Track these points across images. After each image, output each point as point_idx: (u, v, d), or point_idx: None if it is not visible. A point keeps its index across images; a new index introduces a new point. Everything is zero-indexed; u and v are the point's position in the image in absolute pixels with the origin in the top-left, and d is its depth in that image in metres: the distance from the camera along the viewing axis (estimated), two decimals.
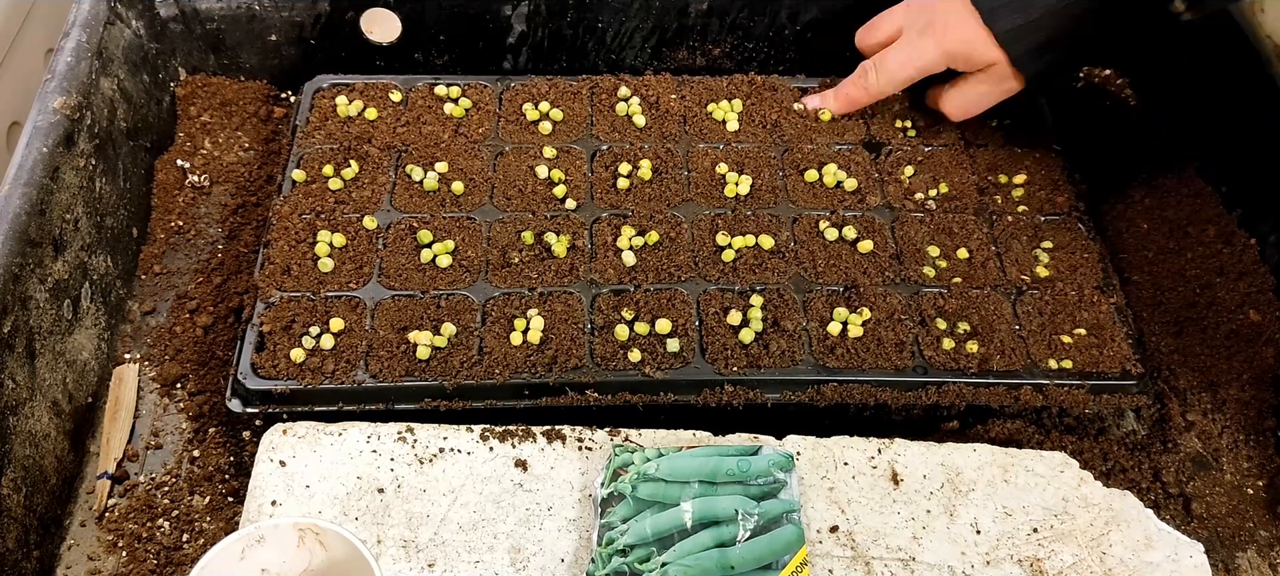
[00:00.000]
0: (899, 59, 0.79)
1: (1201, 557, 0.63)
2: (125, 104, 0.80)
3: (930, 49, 0.77)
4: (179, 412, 0.72)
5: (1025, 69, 0.75)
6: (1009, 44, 0.74)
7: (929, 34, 0.77)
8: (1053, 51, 0.74)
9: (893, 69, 0.79)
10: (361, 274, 0.73)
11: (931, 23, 0.77)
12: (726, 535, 0.59)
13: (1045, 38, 0.73)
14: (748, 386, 0.68)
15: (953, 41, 0.76)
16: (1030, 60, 0.74)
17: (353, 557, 0.55)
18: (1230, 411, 0.74)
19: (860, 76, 0.81)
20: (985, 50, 0.75)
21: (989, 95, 0.78)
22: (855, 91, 0.81)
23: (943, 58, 0.77)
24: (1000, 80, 0.77)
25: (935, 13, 0.77)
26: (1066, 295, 0.74)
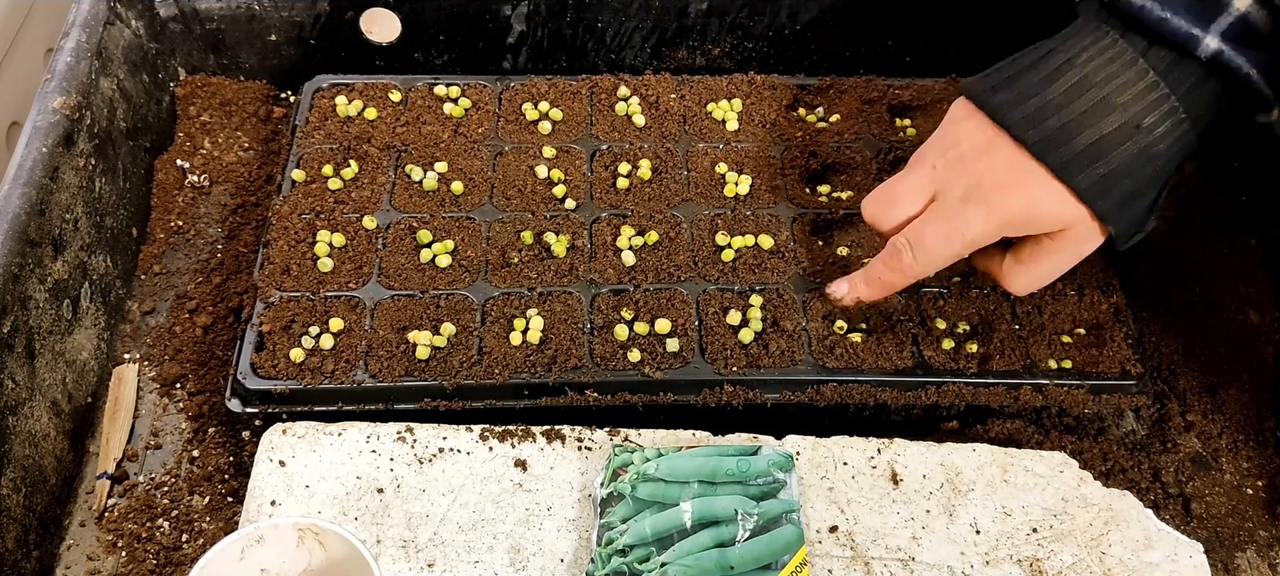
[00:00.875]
0: (939, 235, 0.62)
1: (1201, 557, 0.62)
2: (125, 104, 0.80)
3: (978, 221, 0.61)
4: (178, 412, 0.72)
5: (1116, 223, 0.60)
6: (1094, 199, 0.59)
7: (977, 201, 0.61)
8: (1140, 199, 0.60)
9: (933, 248, 0.63)
10: (361, 274, 0.73)
11: (979, 186, 0.61)
12: (726, 535, 0.59)
13: (1131, 186, 0.59)
14: (747, 386, 0.68)
15: (1013, 208, 0.60)
16: (1119, 212, 0.60)
17: (352, 557, 0.55)
18: (1230, 411, 0.74)
19: (893, 257, 0.65)
20: (1056, 210, 0.60)
21: (1066, 263, 0.64)
22: (891, 276, 0.65)
23: (997, 229, 0.62)
24: (1079, 242, 0.62)
25: (983, 172, 0.61)
26: (1066, 295, 0.74)
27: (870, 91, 0.87)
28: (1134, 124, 0.58)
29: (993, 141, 0.61)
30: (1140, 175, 0.59)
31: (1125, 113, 0.58)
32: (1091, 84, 0.58)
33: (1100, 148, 0.58)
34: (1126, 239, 0.62)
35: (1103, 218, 0.60)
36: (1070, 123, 0.58)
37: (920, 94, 0.87)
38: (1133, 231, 0.62)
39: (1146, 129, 0.58)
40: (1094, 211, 0.60)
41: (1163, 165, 0.59)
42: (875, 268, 0.67)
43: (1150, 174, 0.59)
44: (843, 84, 0.87)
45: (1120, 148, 0.58)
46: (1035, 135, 0.59)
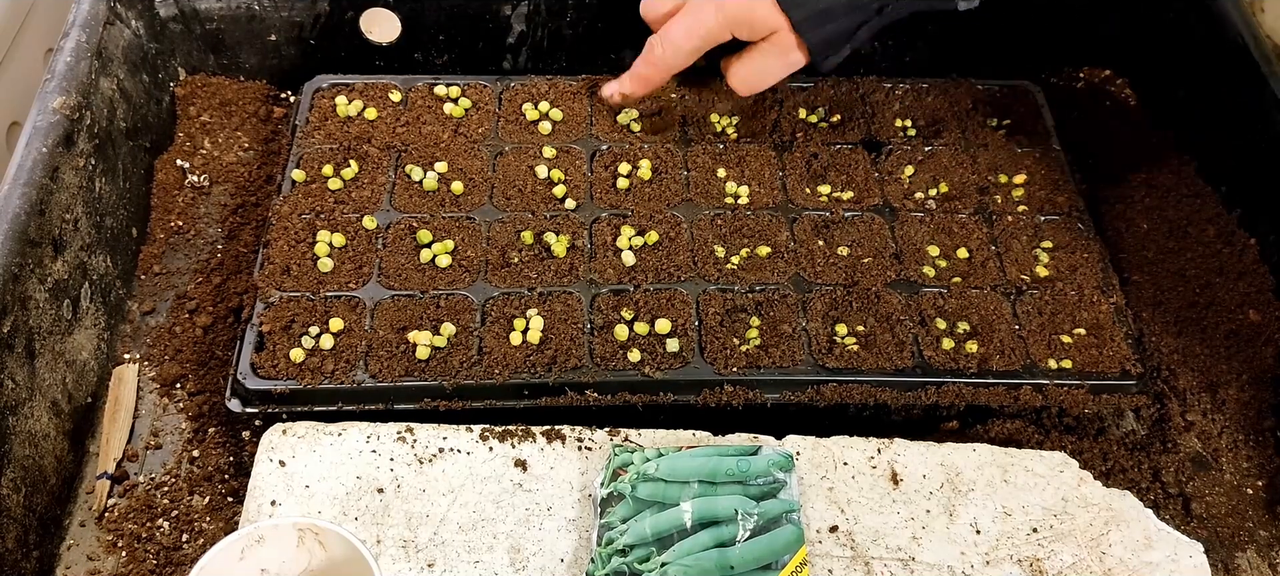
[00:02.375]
0: (681, 29, 0.76)
1: (1201, 557, 0.63)
2: (125, 104, 0.80)
3: (711, 15, 0.74)
4: (178, 412, 0.72)
5: (808, 37, 0.72)
6: (790, 8, 0.71)
7: (711, 2, 0.74)
8: (833, 21, 0.71)
9: (677, 40, 0.76)
10: (361, 274, 0.73)
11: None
12: (726, 535, 0.59)
13: (826, 6, 0.71)
14: (747, 386, 0.68)
15: (733, 6, 0.73)
16: (812, 27, 0.72)
17: (352, 557, 0.55)
18: (1230, 411, 0.74)
19: (647, 51, 0.78)
20: (766, 16, 0.72)
21: (773, 68, 0.75)
22: (644, 69, 0.78)
23: (725, 24, 0.74)
24: (784, 51, 0.74)
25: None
26: (1066, 295, 0.74)
27: (870, 91, 0.87)
28: None
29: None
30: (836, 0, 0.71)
31: None
32: None
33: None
34: (821, 56, 0.73)
35: (797, 28, 0.72)
36: None
37: (920, 94, 0.87)
38: (826, 52, 0.73)
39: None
40: (790, 21, 0.72)
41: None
42: (635, 66, 0.79)
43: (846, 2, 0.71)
44: (842, 84, 0.87)
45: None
46: None
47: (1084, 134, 0.90)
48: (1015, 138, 0.85)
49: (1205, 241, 0.82)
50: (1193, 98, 0.88)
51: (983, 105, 0.87)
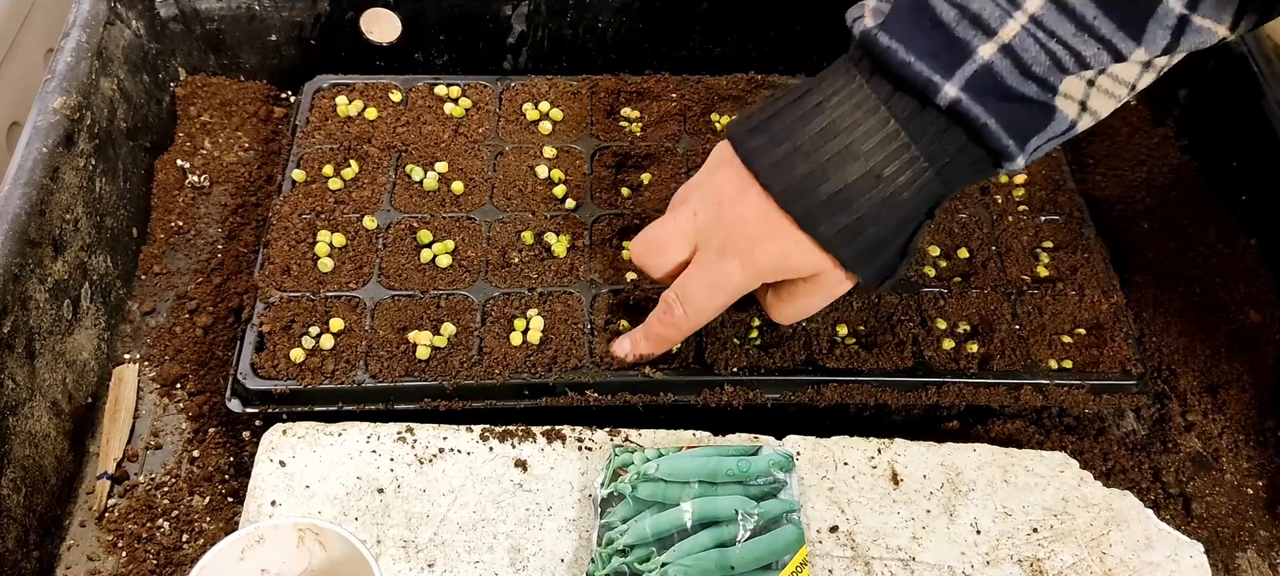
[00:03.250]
0: (704, 289, 0.63)
1: (1201, 557, 0.62)
2: (125, 104, 0.80)
3: (737, 272, 0.61)
4: (179, 413, 0.72)
5: (862, 272, 0.60)
6: (837, 249, 0.58)
7: (732, 253, 0.61)
8: (885, 249, 0.59)
9: (701, 302, 0.63)
10: (361, 274, 0.73)
11: (732, 238, 0.60)
12: (726, 535, 0.59)
13: (875, 234, 0.58)
14: (748, 386, 0.68)
15: (764, 260, 0.60)
16: (864, 261, 0.59)
17: (352, 558, 0.55)
18: (1230, 411, 0.74)
19: (666, 313, 0.65)
20: (806, 259, 0.59)
21: (819, 302, 0.63)
22: (665, 331, 0.66)
23: (754, 278, 0.61)
24: (832, 288, 0.62)
25: (734, 223, 0.60)
26: (1067, 295, 0.74)
27: None
28: (876, 174, 0.56)
29: (745, 189, 0.59)
30: (884, 224, 0.57)
31: (867, 162, 0.56)
32: (838, 130, 0.56)
33: (843, 197, 0.56)
34: (877, 285, 0.61)
35: (847, 266, 0.59)
36: (815, 171, 0.57)
37: None
38: (882, 277, 0.61)
39: (888, 178, 0.56)
40: (838, 260, 0.59)
41: (908, 213, 0.58)
42: (652, 324, 0.66)
43: (895, 222, 0.58)
44: None
45: (863, 197, 0.56)
46: (780, 184, 0.57)
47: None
48: None
49: (1205, 241, 0.82)
50: (1193, 97, 0.88)
51: None
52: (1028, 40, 0.52)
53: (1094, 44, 0.52)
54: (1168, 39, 0.52)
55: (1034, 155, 0.56)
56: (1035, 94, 0.53)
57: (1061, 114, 0.54)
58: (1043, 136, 0.55)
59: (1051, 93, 0.53)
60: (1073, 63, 0.52)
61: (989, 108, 0.53)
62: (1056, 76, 0.52)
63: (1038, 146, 0.56)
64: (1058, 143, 0.57)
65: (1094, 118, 0.56)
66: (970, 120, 0.53)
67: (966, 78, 0.53)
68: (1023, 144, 0.55)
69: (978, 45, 0.52)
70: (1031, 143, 0.55)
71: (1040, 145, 0.56)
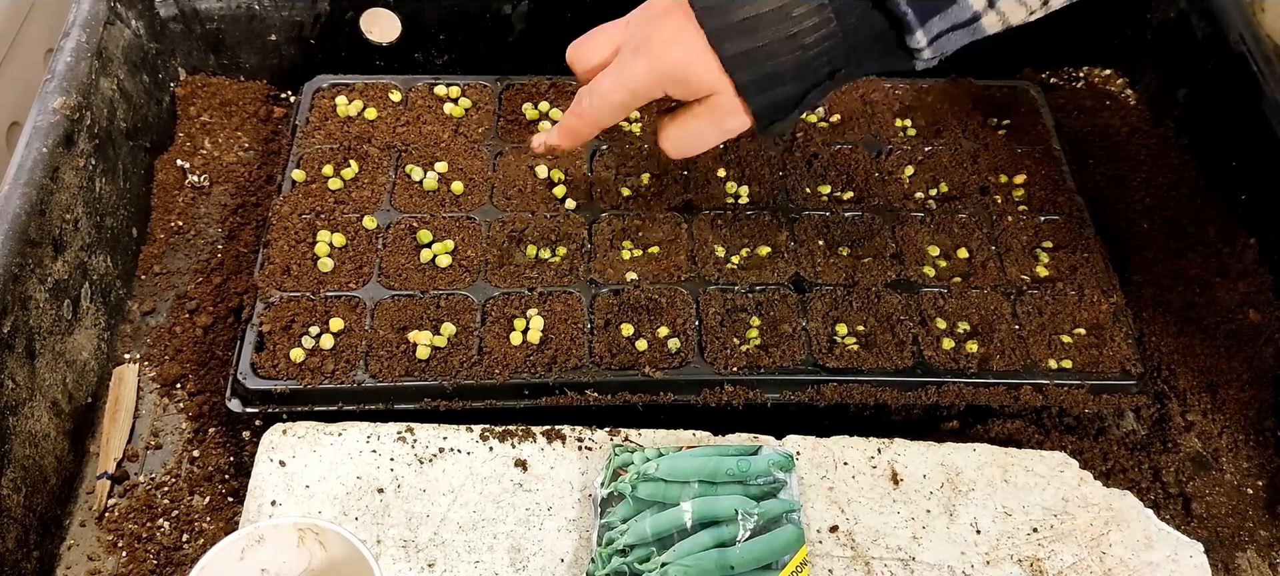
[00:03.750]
0: (611, 82, 0.67)
1: (1201, 557, 0.63)
2: (125, 104, 0.80)
3: (643, 70, 0.65)
4: (179, 412, 0.72)
5: (752, 100, 0.63)
6: (735, 69, 0.62)
7: (643, 53, 0.65)
8: (782, 85, 0.63)
9: (606, 93, 0.67)
10: (361, 274, 0.73)
11: (648, 40, 0.65)
12: (726, 535, 0.59)
13: (773, 68, 0.62)
14: (747, 386, 0.68)
15: (669, 61, 0.64)
16: (758, 91, 0.63)
17: (353, 557, 0.55)
18: (1230, 411, 0.74)
19: (576, 104, 0.69)
20: (705, 74, 0.63)
21: (709, 130, 0.66)
22: (572, 121, 0.69)
23: (657, 81, 0.65)
24: (724, 114, 0.65)
25: (653, 29, 0.65)
26: (1066, 295, 0.74)
27: (870, 91, 0.87)
28: (786, 12, 0.60)
29: (674, 9, 0.64)
30: (783, 60, 0.61)
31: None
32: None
33: (752, 24, 0.61)
34: (765, 122, 0.64)
35: (740, 90, 0.63)
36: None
37: (920, 94, 0.87)
38: (772, 116, 0.64)
39: (796, 18, 0.60)
40: (734, 83, 0.63)
41: (808, 61, 0.61)
42: (565, 118, 0.70)
43: (794, 63, 0.62)
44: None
45: (769, 28, 0.61)
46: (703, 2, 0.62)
47: (1084, 134, 0.90)
48: (1015, 138, 0.85)
49: (1205, 241, 0.82)
50: (1193, 98, 0.88)
51: (983, 105, 0.87)
52: None
53: None
54: None
55: (939, 43, 0.60)
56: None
57: (966, 1, 0.59)
58: (946, 20, 0.59)
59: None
60: None
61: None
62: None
63: (942, 32, 0.60)
64: (964, 35, 0.60)
65: (1002, 20, 0.60)
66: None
67: None
68: (924, 19, 0.59)
69: None
70: (933, 22, 0.59)
71: (944, 32, 0.60)
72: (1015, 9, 0.60)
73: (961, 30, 0.60)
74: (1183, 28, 0.90)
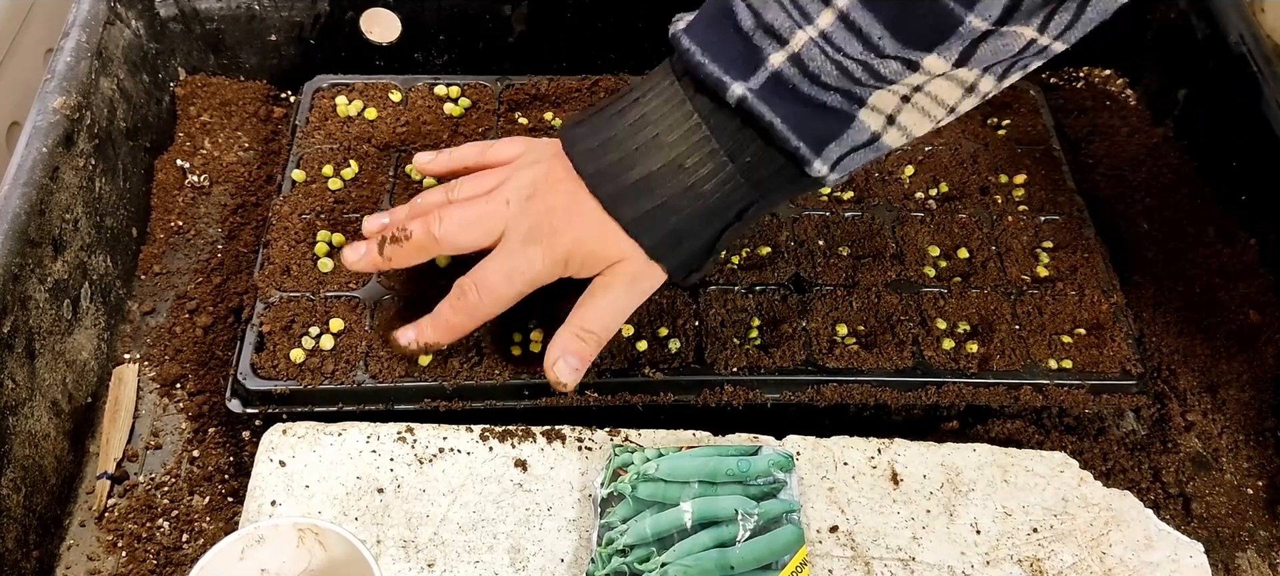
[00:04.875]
0: (502, 274, 0.63)
1: (1201, 557, 0.63)
2: (125, 104, 0.80)
3: (537, 259, 0.62)
4: (179, 412, 0.72)
5: (665, 260, 0.61)
6: (640, 233, 0.60)
7: (533, 242, 0.61)
8: (691, 238, 0.61)
9: (496, 287, 0.63)
10: (361, 274, 0.73)
11: (536, 227, 0.61)
12: (726, 535, 0.59)
13: (678, 223, 0.60)
14: (747, 386, 0.68)
15: (565, 246, 0.61)
16: (668, 248, 0.61)
17: (352, 557, 0.55)
18: (1230, 411, 0.74)
19: (459, 298, 0.64)
20: (608, 245, 0.61)
21: (624, 299, 0.63)
22: (457, 317, 0.64)
23: (554, 266, 0.62)
24: (636, 277, 0.62)
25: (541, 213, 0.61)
26: (1066, 295, 0.74)
27: None
28: (678, 164, 0.58)
29: (561, 180, 0.61)
30: (687, 214, 0.59)
31: (671, 152, 0.58)
32: (649, 122, 0.59)
33: (648, 183, 0.59)
34: (683, 276, 0.63)
35: (650, 252, 0.61)
36: (625, 158, 0.59)
37: None
38: (688, 269, 0.62)
39: (690, 169, 0.58)
40: (642, 246, 0.61)
41: (712, 207, 0.59)
42: (442, 311, 0.65)
43: (698, 214, 0.59)
44: None
45: (665, 185, 0.59)
46: (592, 168, 0.60)
47: (1084, 134, 0.90)
48: (1015, 138, 0.85)
49: (1205, 241, 0.81)
50: (1193, 98, 0.88)
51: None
52: (815, 51, 0.54)
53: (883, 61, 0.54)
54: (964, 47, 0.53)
55: (844, 165, 0.58)
56: (837, 103, 0.55)
57: (861, 123, 0.56)
58: (843, 145, 0.57)
59: (856, 103, 0.56)
60: (867, 76, 0.54)
61: (776, 109, 0.55)
62: (859, 88, 0.55)
63: (841, 156, 0.57)
64: (868, 154, 0.58)
65: (905, 134, 0.58)
66: (757, 118, 0.56)
67: (761, 82, 0.55)
68: (819, 149, 0.57)
69: (770, 53, 0.55)
70: (830, 150, 0.57)
71: (844, 155, 0.57)
72: (919, 121, 0.58)
73: (863, 150, 0.58)
74: (1183, 28, 0.90)
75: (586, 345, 0.64)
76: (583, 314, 0.63)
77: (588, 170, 0.60)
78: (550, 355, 0.63)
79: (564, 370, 0.63)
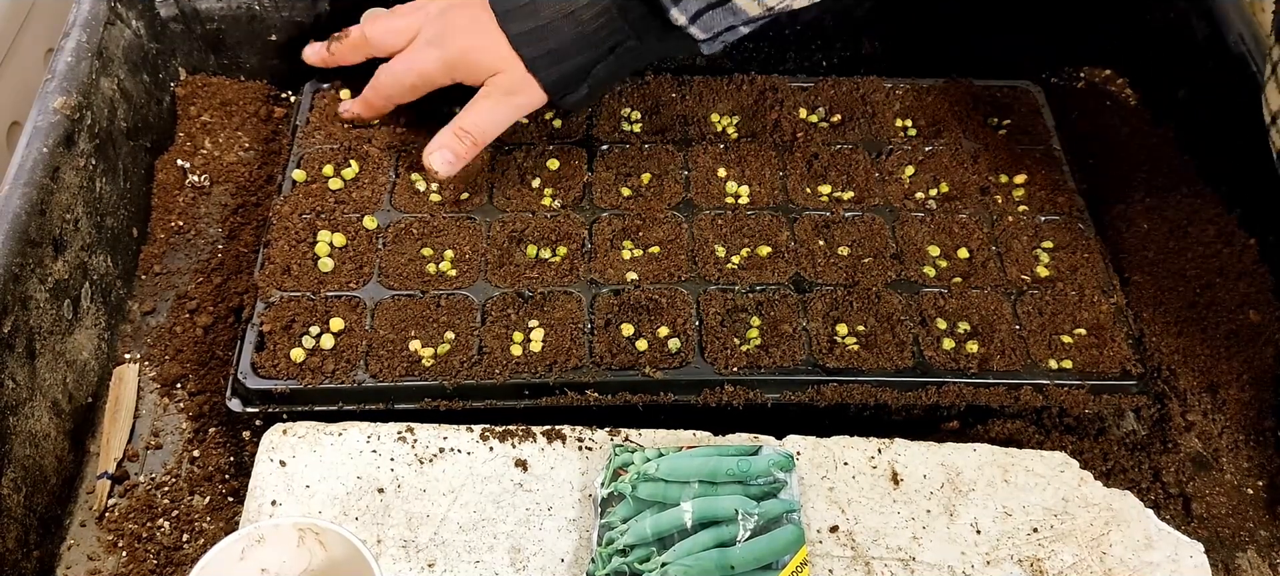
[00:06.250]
0: (404, 65, 0.75)
1: (1201, 557, 0.63)
2: (125, 104, 0.80)
3: (434, 58, 0.74)
4: (179, 412, 0.72)
5: (541, 73, 0.71)
6: (521, 45, 0.70)
7: (435, 44, 0.74)
8: (567, 59, 0.71)
9: (399, 74, 0.75)
10: (361, 274, 0.73)
11: (438, 33, 0.74)
12: (726, 535, 0.59)
13: (557, 43, 0.70)
14: (748, 386, 0.68)
15: (456, 49, 0.73)
16: (546, 65, 0.71)
17: (353, 557, 0.55)
18: (1230, 411, 0.74)
19: (373, 80, 0.77)
20: (487, 56, 0.72)
21: (500, 108, 0.74)
22: (370, 94, 0.78)
23: (446, 68, 0.74)
24: (512, 89, 0.72)
25: (445, 22, 0.74)
26: (1066, 295, 0.74)
27: (871, 91, 0.87)
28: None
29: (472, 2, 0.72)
30: (565, 35, 0.70)
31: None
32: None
33: (534, 6, 0.70)
34: (559, 95, 0.72)
35: (528, 65, 0.70)
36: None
37: (920, 94, 0.87)
38: (563, 90, 0.72)
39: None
40: (523, 58, 0.70)
41: (588, 35, 0.69)
42: (366, 91, 0.78)
43: (575, 38, 0.70)
44: (843, 84, 0.87)
45: (550, 8, 0.69)
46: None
47: (1084, 134, 0.90)
48: (1015, 138, 0.85)
49: (1205, 241, 0.81)
50: (1193, 98, 0.88)
51: (983, 105, 0.87)
52: None
53: None
54: None
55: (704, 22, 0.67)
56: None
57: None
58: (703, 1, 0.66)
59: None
60: None
61: None
62: None
63: (699, 10, 0.66)
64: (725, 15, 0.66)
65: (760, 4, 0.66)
66: None
67: None
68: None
69: None
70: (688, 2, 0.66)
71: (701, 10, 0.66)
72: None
73: (720, 9, 0.65)
74: (1183, 28, 0.90)
75: (461, 144, 0.74)
76: (464, 116, 0.74)
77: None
78: (429, 148, 0.74)
79: (438, 161, 0.74)
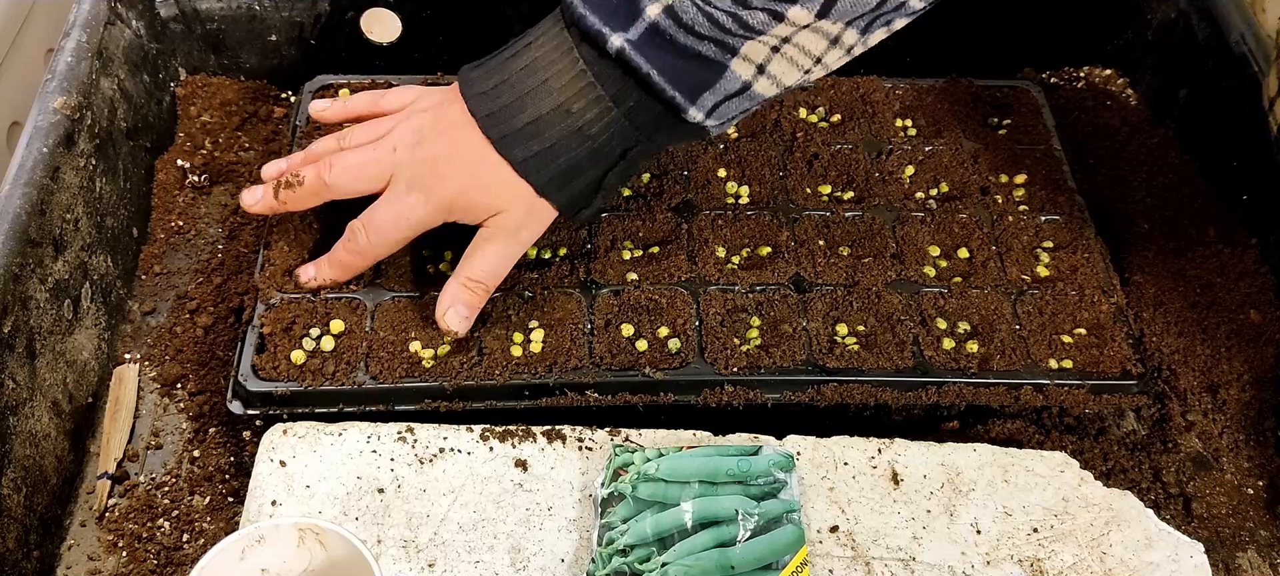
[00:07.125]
0: (388, 217, 0.66)
1: (1202, 557, 0.63)
2: (125, 104, 0.80)
3: (419, 206, 0.65)
4: (179, 413, 0.72)
5: (555, 198, 0.65)
6: (530, 173, 0.63)
7: (416, 189, 0.65)
8: (579, 177, 0.64)
9: (384, 231, 0.67)
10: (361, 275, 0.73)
11: (419, 175, 0.65)
12: (726, 535, 0.59)
13: (567, 163, 0.63)
14: (748, 386, 0.68)
15: (446, 194, 0.65)
16: (557, 188, 0.64)
17: (353, 558, 0.55)
18: (1230, 411, 0.74)
19: (350, 239, 0.68)
20: (488, 195, 0.64)
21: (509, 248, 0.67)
22: (349, 257, 0.69)
23: (438, 213, 0.66)
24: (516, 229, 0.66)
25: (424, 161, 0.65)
26: (1066, 295, 0.74)
27: (871, 91, 0.87)
28: (566, 108, 0.62)
29: (450, 125, 0.65)
30: (575, 154, 0.63)
31: (560, 96, 0.62)
32: (538, 68, 0.62)
33: (537, 127, 0.63)
34: (573, 213, 0.66)
35: (539, 191, 0.64)
36: (516, 101, 0.63)
37: (920, 94, 0.87)
38: (577, 207, 0.66)
39: (577, 113, 0.62)
40: (533, 185, 0.64)
41: (599, 148, 0.63)
42: (337, 251, 0.70)
43: (586, 154, 0.63)
44: (843, 84, 0.87)
45: (554, 127, 0.62)
46: (485, 110, 0.63)
47: (1084, 134, 0.90)
48: (1015, 137, 0.85)
49: (1205, 241, 0.82)
50: (1193, 98, 0.88)
51: (983, 105, 0.87)
52: (687, 2, 0.58)
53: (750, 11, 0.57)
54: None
55: (719, 113, 0.62)
56: (710, 52, 0.59)
57: (733, 72, 0.60)
58: (717, 93, 0.60)
59: (728, 53, 0.59)
60: (736, 26, 0.58)
61: (653, 60, 0.59)
62: (731, 38, 0.58)
63: (716, 104, 0.61)
64: (743, 103, 0.62)
65: (776, 84, 0.61)
66: (635, 69, 0.59)
67: (639, 33, 0.59)
68: (694, 97, 0.60)
69: (646, 5, 0.58)
70: (705, 98, 0.60)
71: (718, 103, 0.61)
72: (788, 71, 0.61)
73: (737, 99, 0.61)
74: (1183, 28, 0.90)
75: (474, 294, 0.68)
76: (469, 264, 0.67)
77: (480, 112, 0.63)
78: (441, 305, 0.67)
79: (455, 320, 0.67)
